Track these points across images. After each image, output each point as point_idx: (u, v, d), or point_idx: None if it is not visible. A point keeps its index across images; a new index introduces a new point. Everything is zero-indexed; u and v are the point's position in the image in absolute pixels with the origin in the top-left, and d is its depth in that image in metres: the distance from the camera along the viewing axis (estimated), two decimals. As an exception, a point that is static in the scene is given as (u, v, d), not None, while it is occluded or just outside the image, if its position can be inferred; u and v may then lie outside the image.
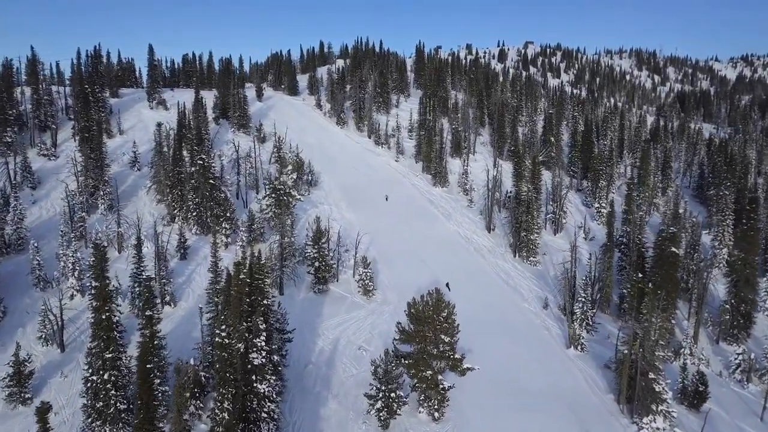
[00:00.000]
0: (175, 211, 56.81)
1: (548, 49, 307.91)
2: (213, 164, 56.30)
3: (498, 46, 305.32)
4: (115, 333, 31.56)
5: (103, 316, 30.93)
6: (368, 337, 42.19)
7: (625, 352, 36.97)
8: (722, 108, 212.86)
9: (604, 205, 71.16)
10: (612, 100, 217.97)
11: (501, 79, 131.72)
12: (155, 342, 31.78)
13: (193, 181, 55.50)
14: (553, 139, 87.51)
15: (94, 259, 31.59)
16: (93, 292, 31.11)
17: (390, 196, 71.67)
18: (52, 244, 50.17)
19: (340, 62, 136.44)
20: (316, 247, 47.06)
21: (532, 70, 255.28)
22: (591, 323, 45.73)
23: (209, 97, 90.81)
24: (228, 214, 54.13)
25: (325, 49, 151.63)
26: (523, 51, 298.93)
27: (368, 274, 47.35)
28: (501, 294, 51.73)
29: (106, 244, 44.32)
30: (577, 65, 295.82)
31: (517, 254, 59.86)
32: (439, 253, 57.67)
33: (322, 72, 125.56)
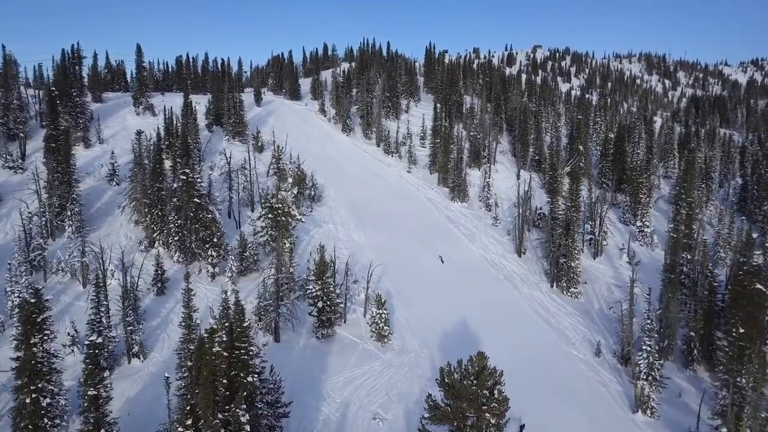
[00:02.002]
0: (155, 235, 48.48)
1: (557, 53, 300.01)
2: (199, 179, 47.98)
3: (506, 49, 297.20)
4: (47, 421, 23.14)
5: (28, 400, 22.54)
6: (385, 401, 33.59)
7: (724, 431, 28.39)
8: (738, 113, 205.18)
9: (647, 223, 62.51)
10: (625, 105, 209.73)
11: (515, 82, 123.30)
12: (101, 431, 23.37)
13: (175, 199, 47.20)
14: (581, 147, 78.95)
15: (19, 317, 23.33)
16: (14, 365, 22.78)
17: (404, 211, 63.22)
18: (5, 276, 41.88)
19: (345, 65, 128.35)
20: (319, 282, 38.57)
21: (542, 74, 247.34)
22: (659, 378, 37.02)
23: (204, 102, 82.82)
24: (215, 240, 45.75)
25: (330, 52, 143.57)
26: (531, 55, 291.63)
27: (383, 315, 38.81)
28: (542, 336, 43.11)
29: (35, 302, 36.03)
30: (587, 69, 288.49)
31: (555, 284, 51.24)
32: (464, 282, 49.17)
33: (326, 75, 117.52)
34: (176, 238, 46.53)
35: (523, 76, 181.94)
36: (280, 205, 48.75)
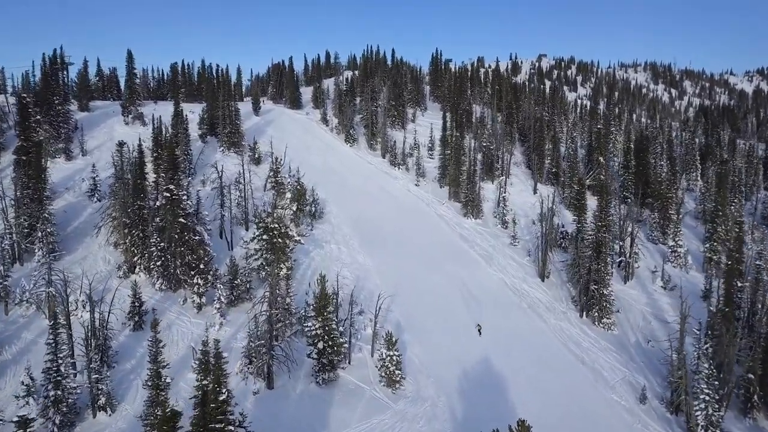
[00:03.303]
0: (136, 259, 43.13)
1: (562, 62, 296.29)
2: (185, 196, 42.68)
3: (510, 59, 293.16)
4: None
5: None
6: (399, 466, 28.10)
7: None
8: (748, 122, 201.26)
9: (680, 242, 56.93)
10: (633, 115, 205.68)
11: (527, 90, 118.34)
12: None
13: (158, 219, 41.93)
14: (602, 159, 73.69)
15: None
16: None
17: (412, 229, 57.85)
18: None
19: (348, 73, 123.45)
20: (320, 319, 33.12)
21: (548, 83, 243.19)
22: (720, 433, 31.44)
23: (199, 111, 77.78)
24: (202, 266, 40.33)
25: (332, 60, 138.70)
26: (536, 64, 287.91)
27: (393, 357, 33.30)
28: (575, 377, 37.51)
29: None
30: (593, 79, 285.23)
31: (584, 314, 45.66)
32: (483, 312, 43.63)
33: (328, 83, 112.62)
34: (159, 263, 41.17)
35: (533, 85, 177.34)
36: (277, 225, 43.55)
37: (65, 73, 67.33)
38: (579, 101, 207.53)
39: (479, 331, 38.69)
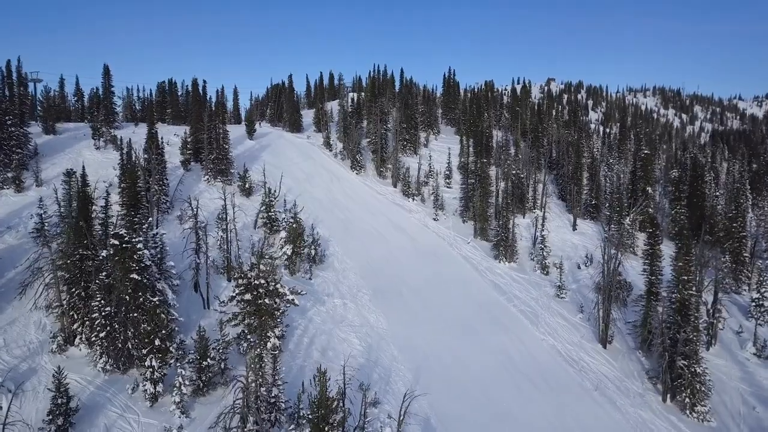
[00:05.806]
0: (76, 327, 32.48)
1: (571, 87, 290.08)
2: (140, 242, 32.13)
3: (517, 83, 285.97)
4: None
5: None
6: None
7: None
8: (766, 147, 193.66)
9: (767, 294, 46.03)
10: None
11: (553, 111, 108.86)
12: None
13: (103, 274, 31.41)
14: (650, 189, 63.28)
15: None
16: None
17: (435, 277, 47.35)
18: None
19: (353, 95, 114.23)
20: (323, 425, 22.21)
21: (558, 107, 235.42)
22: None
23: (182, 133, 68.09)
24: (158, 341, 29.56)
25: (336, 81, 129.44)
26: (546, 88, 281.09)
27: (430, 494, 22.30)
28: (683, 508, 26.37)
29: None
30: (603, 103, 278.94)
31: (669, 398, 34.56)
32: (540, 399, 32.63)
33: (332, 105, 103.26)
34: (102, 335, 30.47)
35: (548, 109, 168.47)
36: (264, 281, 32.98)
37: (24, 89, 57.58)
38: (592, 125, 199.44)
39: None
